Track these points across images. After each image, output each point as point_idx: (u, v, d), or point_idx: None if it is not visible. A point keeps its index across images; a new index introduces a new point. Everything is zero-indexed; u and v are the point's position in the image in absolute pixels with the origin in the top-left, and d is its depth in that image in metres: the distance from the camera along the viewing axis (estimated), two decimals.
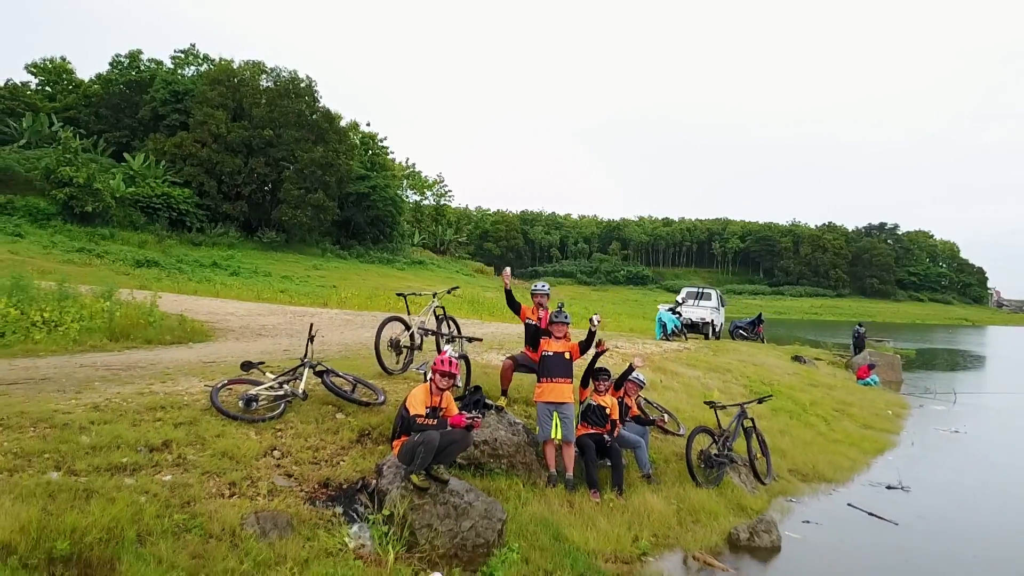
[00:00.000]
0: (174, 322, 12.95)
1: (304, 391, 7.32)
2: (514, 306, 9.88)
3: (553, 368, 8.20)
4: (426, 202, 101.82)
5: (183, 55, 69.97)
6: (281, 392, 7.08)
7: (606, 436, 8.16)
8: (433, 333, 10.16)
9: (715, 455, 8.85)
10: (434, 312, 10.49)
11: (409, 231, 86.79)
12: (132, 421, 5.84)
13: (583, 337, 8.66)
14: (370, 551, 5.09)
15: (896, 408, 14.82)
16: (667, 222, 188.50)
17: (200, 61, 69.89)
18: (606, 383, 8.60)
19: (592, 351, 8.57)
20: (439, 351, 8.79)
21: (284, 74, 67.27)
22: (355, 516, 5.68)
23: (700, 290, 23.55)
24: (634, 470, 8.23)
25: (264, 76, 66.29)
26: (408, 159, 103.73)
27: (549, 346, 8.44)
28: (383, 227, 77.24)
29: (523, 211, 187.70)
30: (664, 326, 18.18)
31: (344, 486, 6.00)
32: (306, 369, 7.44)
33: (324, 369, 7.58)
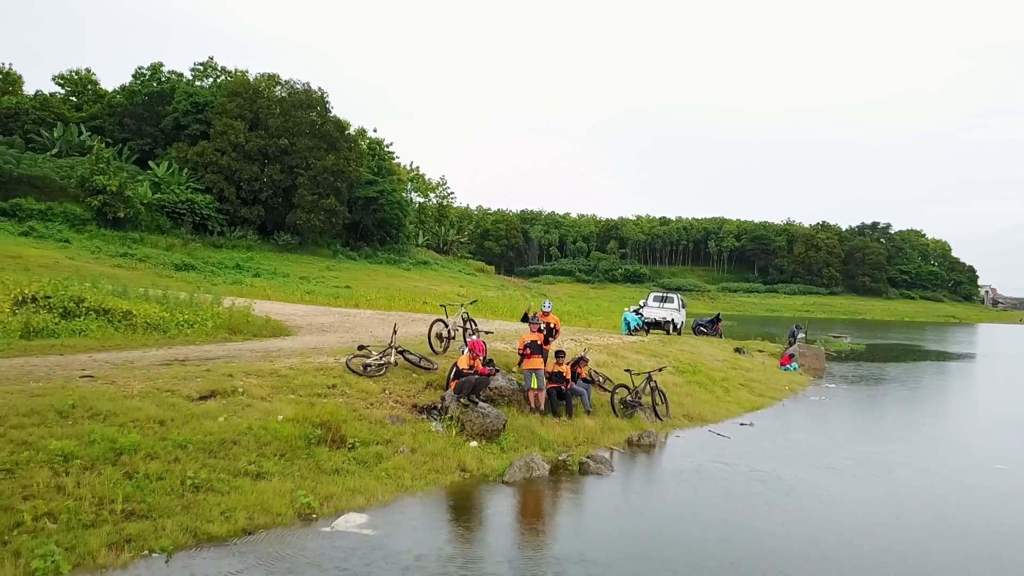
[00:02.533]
0: (263, 321, 17.73)
1: (395, 361, 12.00)
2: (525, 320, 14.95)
3: (532, 349, 12.95)
4: (430, 202, 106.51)
5: (202, 67, 74.80)
6: (382, 361, 11.65)
7: (562, 387, 12.96)
8: (463, 329, 14.95)
9: (629, 401, 13.62)
10: (462, 316, 15.32)
11: (413, 232, 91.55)
12: (312, 375, 10.60)
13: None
14: (442, 432, 9.91)
15: (795, 386, 19.52)
16: (664, 221, 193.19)
17: (218, 73, 74.68)
18: (562, 359, 13.36)
19: (553, 339, 13.56)
20: (466, 341, 13.51)
21: (298, 85, 72.18)
22: (433, 418, 10.32)
23: (664, 294, 28.12)
24: (581, 409, 13.06)
25: (279, 88, 71.06)
26: (412, 162, 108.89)
27: (529, 336, 13.20)
28: (390, 229, 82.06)
29: (523, 210, 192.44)
30: (628, 324, 22.84)
31: (424, 406, 10.70)
32: (392, 350, 12.12)
33: (403, 350, 12.32)
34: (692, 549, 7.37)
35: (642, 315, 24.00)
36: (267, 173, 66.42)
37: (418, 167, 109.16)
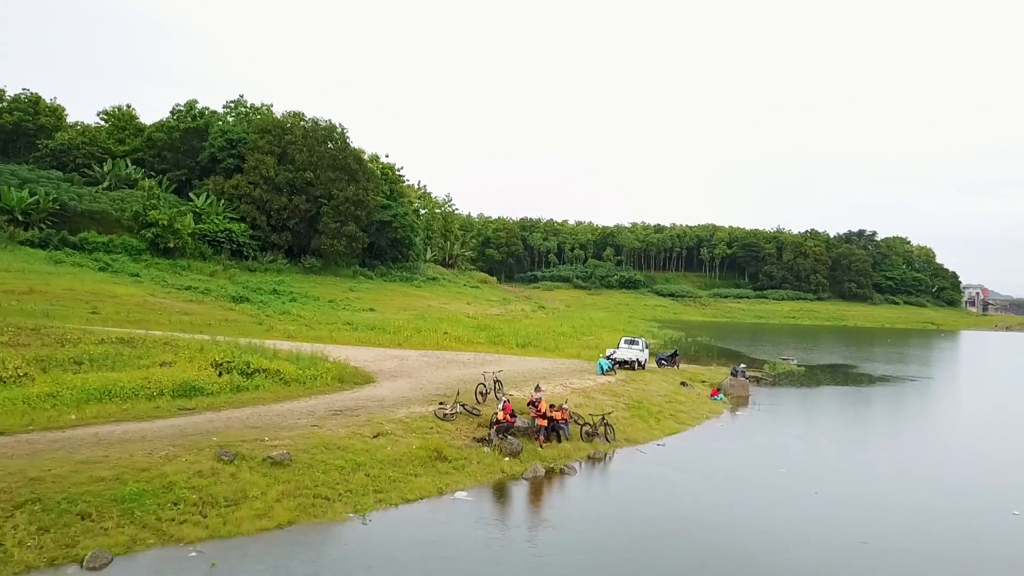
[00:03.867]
0: (353, 371, 26.14)
1: (459, 410, 20.34)
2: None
3: (535, 410, 21.37)
4: (437, 221, 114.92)
5: (233, 105, 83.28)
6: (451, 412, 19.81)
7: (553, 424, 21.31)
8: (494, 385, 23.35)
9: (589, 432, 21.80)
10: (494, 380, 23.67)
11: (422, 248, 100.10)
12: (419, 421, 18.90)
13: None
14: (489, 452, 18.21)
15: (711, 414, 27.39)
16: (658, 228, 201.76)
17: (248, 110, 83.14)
18: (553, 409, 21.75)
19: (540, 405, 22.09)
20: (497, 397, 21.76)
21: (320, 122, 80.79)
22: (484, 444, 18.58)
23: (632, 339, 36.40)
24: (563, 437, 21.44)
25: (303, 123, 79.50)
26: (420, 181, 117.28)
27: (536, 409, 21.56)
28: (402, 248, 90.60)
29: (523, 218, 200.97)
30: (602, 367, 31.00)
31: (479, 437, 18.87)
32: (458, 404, 20.45)
33: (463, 403, 20.64)
34: (615, 507, 15.89)
35: (614, 359, 32.33)
36: (294, 203, 74.85)
37: (425, 185, 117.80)
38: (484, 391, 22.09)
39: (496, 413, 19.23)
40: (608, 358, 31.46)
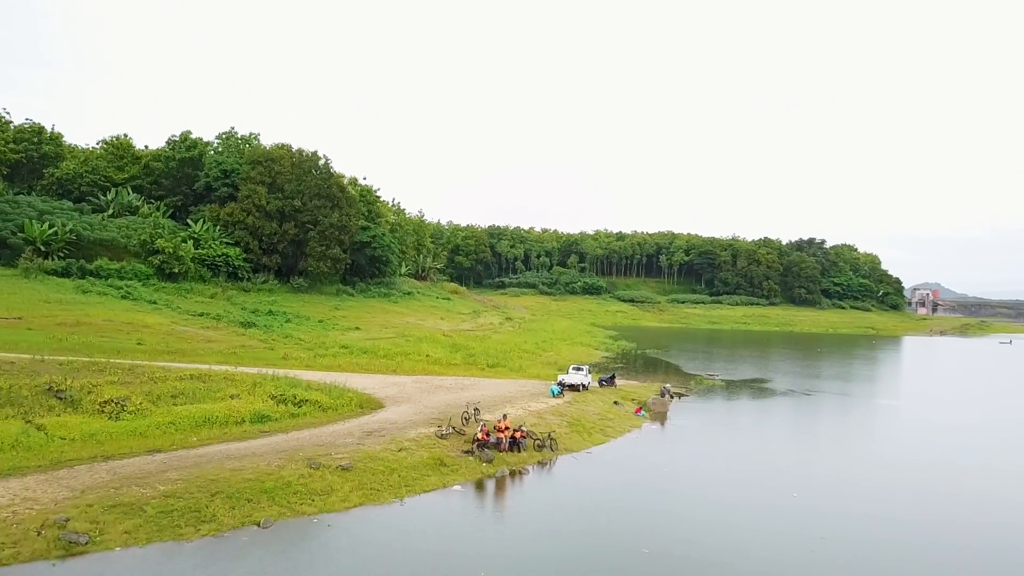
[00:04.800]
0: (366, 398, 35.34)
1: (451, 431, 29.66)
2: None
3: (503, 432, 30.81)
4: (411, 236, 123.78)
5: (225, 136, 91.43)
6: (446, 432, 28.90)
7: (515, 438, 30.68)
8: (474, 412, 32.64)
9: (539, 444, 31.06)
10: (474, 408, 32.99)
11: (398, 264, 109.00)
12: (427, 439, 28.11)
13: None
14: (472, 460, 27.52)
15: (631, 428, 36.87)
16: (620, 236, 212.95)
17: (239, 141, 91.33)
18: (509, 431, 31.15)
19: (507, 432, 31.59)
20: (477, 422, 31.01)
21: (306, 152, 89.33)
22: (470, 455, 27.67)
23: (577, 367, 45.87)
24: (521, 448, 30.91)
25: (290, 155, 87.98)
26: (394, 198, 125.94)
27: (495, 433, 30.82)
28: (380, 265, 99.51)
29: (491, 226, 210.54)
30: (553, 392, 40.34)
31: (466, 451, 27.88)
32: (451, 427, 29.59)
33: (454, 426, 29.86)
34: (554, 493, 25.40)
35: (563, 383, 41.79)
36: (284, 229, 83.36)
37: (399, 203, 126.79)
38: (467, 417, 31.44)
39: (476, 433, 28.64)
40: (559, 383, 40.98)
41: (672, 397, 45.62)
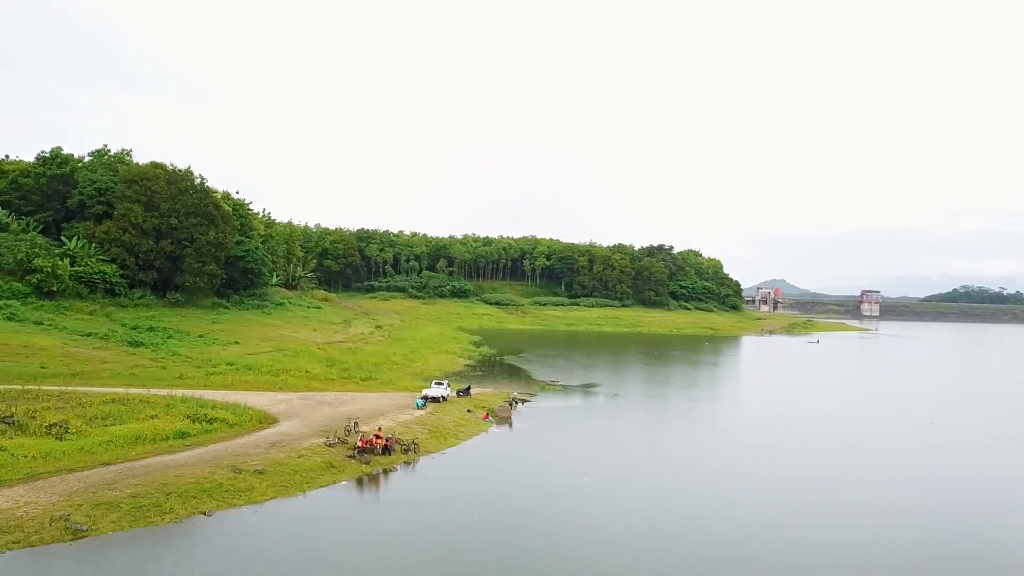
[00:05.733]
0: (263, 414, 43.61)
1: (338, 441, 38.72)
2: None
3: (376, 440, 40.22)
4: (281, 247, 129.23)
5: (98, 153, 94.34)
6: (334, 442, 37.80)
7: (386, 445, 40.13)
8: (354, 425, 41.77)
9: (405, 448, 40.40)
10: (354, 422, 42.15)
11: (269, 276, 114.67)
12: (320, 448, 37.10)
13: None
14: (355, 462, 36.79)
15: (479, 431, 47.02)
16: (487, 241, 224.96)
17: (112, 159, 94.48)
18: (389, 440, 40.59)
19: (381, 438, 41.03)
20: (357, 433, 40.15)
21: (180, 171, 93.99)
22: (354, 459, 36.73)
23: (438, 381, 55.65)
24: (391, 452, 40.44)
25: (165, 174, 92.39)
26: (264, 209, 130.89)
27: (370, 440, 40.27)
28: (253, 277, 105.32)
29: (360, 229, 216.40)
30: (417, 404, 49.75)
31: (350, 455, 36.80)
32: (336, 438, 38.62)
33: (340, 437, 38.73)
34: (417, 483, 35.20)
35: (426, 396, 51.44)
36: (161, 246, 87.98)
37: (269, 213, 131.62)
38: (348, 429, 40.60)
39: (357, 442, 37.97)
40: (423, 397, 50.74)
41: (517, 403, 56.43)
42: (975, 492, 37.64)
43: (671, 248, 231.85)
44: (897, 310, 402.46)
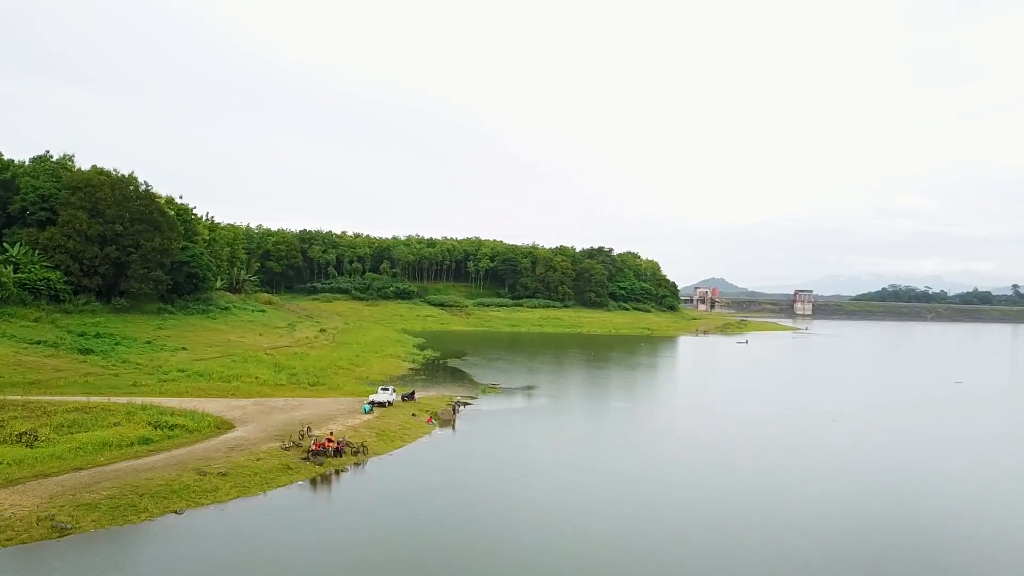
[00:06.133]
0: (221, 420, 46.74)
1: (293, 444, 42.20)
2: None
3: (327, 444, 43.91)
4: (224, 251, 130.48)
5: (40, 159, 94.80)
6: (289, 445, 41.24)
7: (337, 447, 43.84)
8: (307, 430, 45.30)
9: (355, 450, 44.24)
10: (307, 427, 45.69)
11: (214, 280, 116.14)
12: (277, 451, 40.55)
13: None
14: (310, 463, 40.47)
15: (423, 434, 50.96)
16: (431, 243, 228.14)
17: (54, 165, 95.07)
18: (341, 443, 44.28)
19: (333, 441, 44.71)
20: (310, 437, 43.72)
21: (124, 176, 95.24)
22: (308, 460, 40.34)
23: (384, 387, 59.37)
24: (342, 454, 44.17)
25: (110, 181, 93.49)
26: (208, 213, 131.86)
27: (322, 443, 43.95)
28: (198, 282, 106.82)
29: (302, 230, 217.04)
30: (365, 409, 53.38)
31: (305, 456, 40.29)
32: (292, 441, 42.20)
33: (295, 440, 42.29)
34: (365, 480, 39.12)
35: (373, 401, 55.12)
36: (106, 252, 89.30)
37: (212, 216, 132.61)
38: (302, 434, 44.13)
39: (311, 446, 41.61)
40: (370, 402, 54.49)
41: (460, 407, 60.60)
42: (844, 483, 43.37)
43: (611, 250, 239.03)
44: (829, 309, 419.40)
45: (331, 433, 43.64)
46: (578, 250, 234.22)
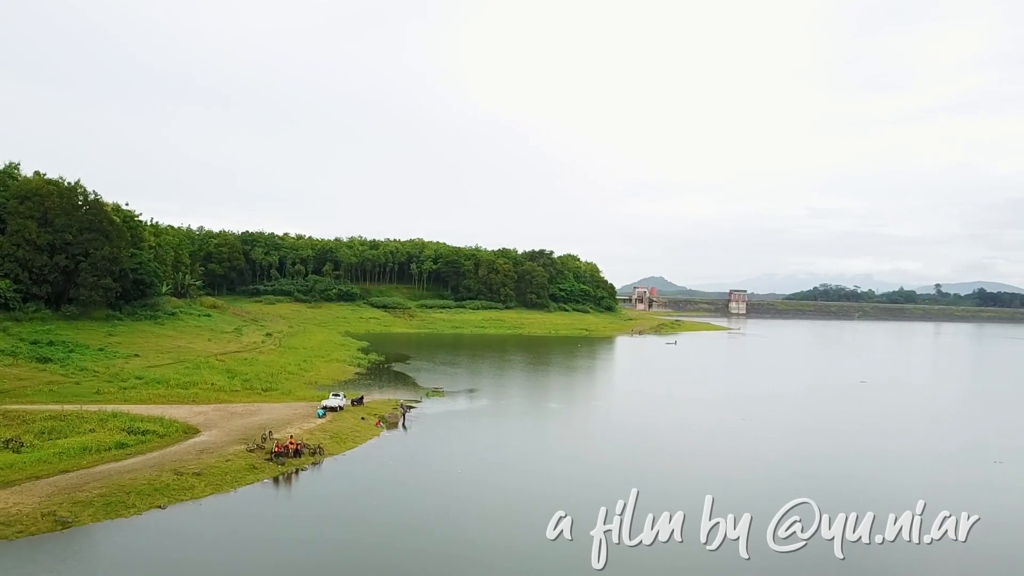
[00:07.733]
0: (188, 426, 51.58)
1: (258, 447, 47.42)
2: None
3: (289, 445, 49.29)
4: (170, 255, 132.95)
5: None
6: (253, 448, 46.73)
7: (297, 448, 49.22)
8: (268, 433, 50.48)
9: (312, 451, 49.47)
10: (269, 432, 50.85)
11: (160, 285, 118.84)
12: (243, 453, 45.69)
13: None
14: (273, 463, 45.73)
15: (371, 436, 56.59)
16: (374, 245, 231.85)
17: (1, 174, 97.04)
18: (294, 445, 49.66)
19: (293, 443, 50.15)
20: (273, 439, 48.98)
21: (71, 184, 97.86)
22: (272, 461, 45.69)
23: (335, 392, 64.67)
24: (300, 455, 49.67)
25: (59, 190, 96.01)
26: (152, 218, 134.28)
27: (284, 444, 49.35)
28: (145, 288, 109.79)
29: (244, 232, 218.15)
30: (319, 414, 58.66)
31: (269, 457, 45.34)
32: (256, 444, 47.34)
33: (259, 443, 47.53)
34: (323, 478, 44.77)
35: (326, 406, 60.46)
36: (55, 260, 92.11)
37: (158, 222, 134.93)
38: (264, 436, 49.35)
39: (273, 447, 46.95)
40: (323, 407, 59.90)
41: (406, 410, 66.46)
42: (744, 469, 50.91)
43: (552, 253, 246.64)
44: (762, 308, 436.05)
45: (291, 436, 49.02)
46: (520, 252, 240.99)
